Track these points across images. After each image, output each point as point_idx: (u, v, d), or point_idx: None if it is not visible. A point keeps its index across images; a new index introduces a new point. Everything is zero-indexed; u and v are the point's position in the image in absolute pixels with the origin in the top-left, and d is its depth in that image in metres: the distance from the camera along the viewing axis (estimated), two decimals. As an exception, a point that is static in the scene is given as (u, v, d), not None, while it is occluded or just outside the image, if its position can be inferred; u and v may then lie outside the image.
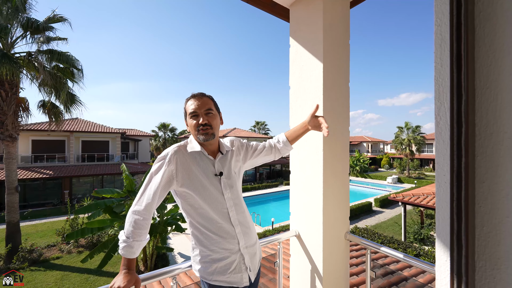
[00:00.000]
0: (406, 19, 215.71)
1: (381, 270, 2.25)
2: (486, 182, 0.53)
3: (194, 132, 1.13)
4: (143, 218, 1.02)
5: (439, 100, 0.59)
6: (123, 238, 1.01)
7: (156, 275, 1.22)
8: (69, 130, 18.12)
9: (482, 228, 0.53)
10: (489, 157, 0.53)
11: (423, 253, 6.92)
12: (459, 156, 0.52)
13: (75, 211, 6.47)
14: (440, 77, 0.59)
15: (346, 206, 1.79)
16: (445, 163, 0.57)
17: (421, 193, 9.73)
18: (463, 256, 0.51)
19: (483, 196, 0.53)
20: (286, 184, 23.45)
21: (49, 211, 14.63)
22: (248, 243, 1.17)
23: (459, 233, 0.52)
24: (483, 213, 0.53)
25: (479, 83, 0.54)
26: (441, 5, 0.58)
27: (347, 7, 1.82)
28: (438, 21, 0.58)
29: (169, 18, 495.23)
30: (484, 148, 0.53)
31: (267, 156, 1.38)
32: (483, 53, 0.53)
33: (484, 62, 0.53)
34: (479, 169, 0.54)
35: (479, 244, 0.53)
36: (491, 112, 0.52)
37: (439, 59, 0.59)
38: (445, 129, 0.57)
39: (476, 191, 0.54)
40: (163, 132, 32.91)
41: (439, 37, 0.59)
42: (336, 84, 1.72)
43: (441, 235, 0.58)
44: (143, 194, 1.05)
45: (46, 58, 8.96)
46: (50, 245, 9.38)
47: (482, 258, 0.53)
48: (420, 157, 34.69)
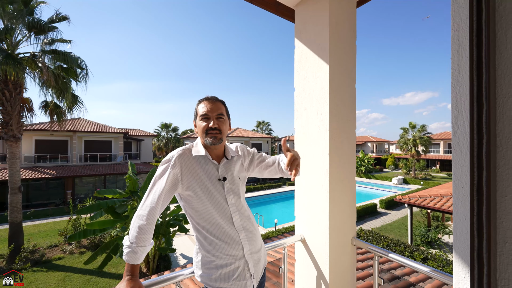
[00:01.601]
0: (412, 18, 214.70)
1: (388, 275, 2.21)
2: (509, 196, 0.50)
3: (202, 134, 1.12)
4: (147, 223, 1.00)
5: (456, 109, 0.56)
6: (127, 243, 0.99)
7: (159, 281, 1.20)
8: (72, 130, 18.24)
9: (505, 245, 0.50)
10: (511, 169, 0.50)
11: (430, 257, 6.81)
12: (480, 169, 0.50)
13: (77, 211, 6.48)
14: (458, 84, 0.56)
15: (353, 210, 1.76)
16: (464, 175, 0.54)
17: (428, 195, 9.62)
18: (485, 275, 0.48)
19: (505, 211, 0.51)
20: (289, 184, 23.37)
21: (52, 211, 14.71)
22: (252, 249, 1.15)
23: (479, 250, 0.49)
24: (505, 228, 0.50)
25: (500, 91, 0.51)
26: (458, 10, 0.55)
27: (353, 6, 1.79)
28: (456, 25, 0.56)
29: (172, 18, 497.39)
30: (507, 160, 0.51)
31: (271, 173, 1.30)
32: (505, 60, 0.51)
33: (505, 69, 0.51)
34: (501, 182, 0.51)
35: (501, 262, 0.51)
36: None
37: (457, 65, 0.56)
38: (463, 139, 0.55)
39: (498, 205, 0.51)
40: (166, 132, 33.04)
41: (457, 42, 0.56)
42: (343, 86, 1.69)
43: (460, 250, 0.55)
44: (147, 199, 1.04)
45: (50, 58, 9.02)
46: (52, 246, 9.42)
47: (504, 276, 0.50)
48: (426, 157, 34.29)
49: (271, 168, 1.29)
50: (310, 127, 1.75)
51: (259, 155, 1.33)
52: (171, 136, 33.00)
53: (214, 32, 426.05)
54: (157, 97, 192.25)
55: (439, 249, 9.39)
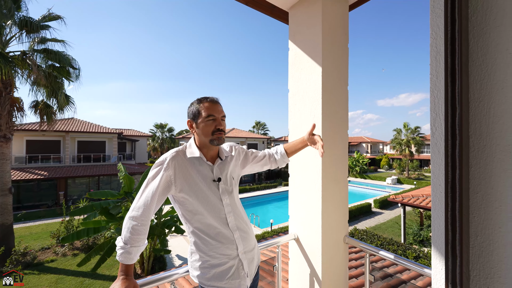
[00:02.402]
0: (405, 20, 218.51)
1: (380, 273, 2.27)
2: (480, 193, 0.54)
3: (208, 135, 1.13)
4: (141, 224, 1.01)
5: (434, 111, 0.60)
6: (120, 244, 1.00)
7: (154, 280, 1.21)
8: (65, 130, 17.92)
9: (476, 238, 0.54)
10: (482, 168, 0.54)
11: (422, 255, 6.95)
12: (454, 167, 0.54)
13: (70, 213, 6.39)
14: (436, 89, 0.60)
15: (345, 209, 1.80)
16: (440, 174, 0.58)
17: (421, 194, 9.80)
18: (458, 265, 0.52)
19: (477, 206, 0.55)
20: (285, 185, 23.45)
21: (44, 213, 14.42)
22: (246, 248, 1.17)
23: (453, 243, 0.53)
24: (477, 223, 0.54)
25: (472, 96, 0.55)
26: (436, 19, 0.59)
27: (346, 10, 1.83)
28: (434, 34, 0.60)
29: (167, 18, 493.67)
30: (478, 159, 0.55)
31: (265, 165, 1.42)
32: (477, 67, 0.55)
33: (477, 76, 0.55)
34: (473, 180, 0.55)
35: (473, 253, 0.55)
36: (484, 124, 0.54)
37: (435, 71, 0.60)
38: (440, 140, 0.59)
39: (470, 201, 0.55)
40: (161, 133, 32.74)
41: (435, 49, 0.60)
42: (335, 87, 1.73)
43: (437, 243, 0.59)
44: (140, 200, 1.04)
45: (42, 57, 8.87)
46: (45, 248, 9.25)
47: (476, 267, 0.54)
48: (419, 157, 34.85)
49: (263, 160, 1.40)
50: (303, 127, 1.79)
51: (252, 152, 1.39)
52: (167, 137, 32.72)
53: (209, 32, 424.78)
54: (152, 97, 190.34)
55: (430, 247, 9.56)
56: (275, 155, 1.42)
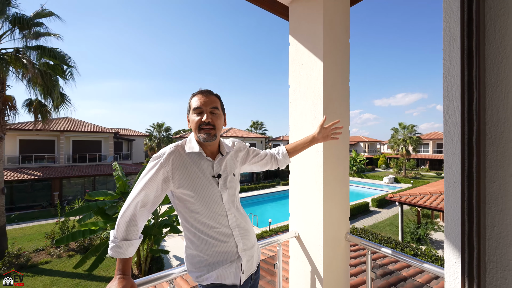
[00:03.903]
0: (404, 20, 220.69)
1: (380, 270, 2.26)
2: (497, 182, 0.52)
3: (195, 130, 1.08)
4: (133, 219, 0.97)
5: (448, 98, 0.58)
6: (111, 238, 0.96)
7: (152, 279, 1.17)
8: (59, 129, 17.64)
9: (493, 229, 0.52)
10: (500, 156, 0.52)
11: (420, 253, 7.03)
12: (470, 155, 0.51)
13: (65, 214, 6.28)
14: (449, 74, 0.57)
15: (346, 206, 1.78)
16: (455, 163, 0.56)
17: (418, 193, 9.88)
18: (475, 258, 0.50)
19: (494, 196, 0.52)
20: (283, 184, 23.45)
21: (38, 214, 14.18)
22: (246, 246, 1.14)
23: (470, 234, 0.51)
24: (494, 213, 0.52)
25: (489, 80, 0.53)
26: (450, 2, 0.57)
27: (347, 4, 1.81)
28: (447, 17, 0.57)
29: (163, 17, 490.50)
30: (495, 146, 0.52)
31: (266, 165, 1.42)
32: (494, 50, 0.52)
33: (494, 59, 0.52)
34: (490, 168, 0.53)
35: (490, 245, 0.52)
36: (502, 110, 0.52)
37: (448, 56, 0.58)
38: (454, 128, 0.56)
39: (487, 191, 0.53)
40: (158, 132, 32.52)
41: (448, 33, 0.58)
42: (337, 83, 1.71)
43: (451, 236, 0.57)
44: (133, 194, 0.99)
45: (36, 55, 8.70)
46: (39, 249, 9.07)
47: (493, 259, 0.52)
48: (416, 157, 35.23)
49: (264, 159, 1.40)
50: (304, 124, 1.76)
51: (253, 150, 1.38)
52: (164, 136, 32.51)
53: (206, 31, 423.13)
54: (149, 96, 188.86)
55: (428, 245, 9.66)
56: (276, 155, 1.42)
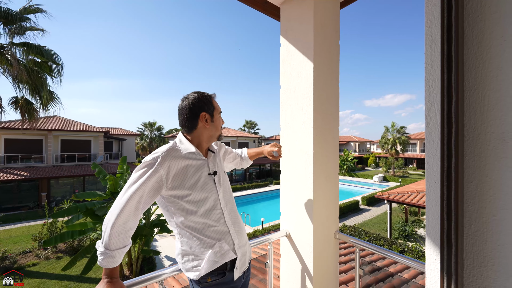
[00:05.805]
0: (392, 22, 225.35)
1: (368, 267, 2.32)
2: (474, 182, 0.54)
3: (218, 130, 1.19)
4: (122, 229, 0.93)
5: (429, 101, 0.60)
6: (101, 249, 0.91)
7: (142, 280, 1.16)
8: (47, 128, 17.09)
9: (470, 227, 0.54)
10: (477, 157, 0.54)
11: (407, 249, 7.25)
12: (449, 156, 0.53)
13: (53, 215, 6.10)
14: (431, 78, 0.59)
15: (336, 205, 1.81)
16: (435, 163, 0.58)
17: (406, 191, 10.14)
18: (453, 255, 0.52)
19: (471, 195, 0.54)
20: (276, 183, 23.57)
21: (25, 215, 13.72)
22: (241, 243, 1.16)
23: (449, 232, 0.53)
24: (471, 212, 0.54)
25: (467, 84, 0.55)
26: (431, 7, 0.59)
27: (337, 7, 1.84)
28: (429, 22, 0.59)
29: (155, 13, 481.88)
30: (473, 148, 0.55)
31: (236, 164, 1.54)
32: (472, 55, 0.54)
33: (472, 63, 0.54)
34: (468, 169, 0.55)
35: (467, 242, 0.54)
36: (479, 113, 0.54)
37: (430, 59, 0.59)
38: (435, 129, 0.58)
39: (465, 190, 0.55)
40: (149, 131, 32.01)
41: (430, 38, 0.60)
42: (327, 84, 1.73)
43: (431, 234, 0.59)
44: (121, 203, 0.94)
45: (22, 52, 8.38)
46: (26, 251, 8.80)
47: (470, 256, 0.54)
48: (404, 156, 36.18)
49: (235, 160, 1.52)
50: (295, 124, 1.77)
51: (229, 148, 1.48)
52: (155, 135, 32.03)
53: (199, 30, 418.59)
54: (139, 96, 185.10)
55: (415, 242, 9.96)
56: (241, 155, 1.55)
